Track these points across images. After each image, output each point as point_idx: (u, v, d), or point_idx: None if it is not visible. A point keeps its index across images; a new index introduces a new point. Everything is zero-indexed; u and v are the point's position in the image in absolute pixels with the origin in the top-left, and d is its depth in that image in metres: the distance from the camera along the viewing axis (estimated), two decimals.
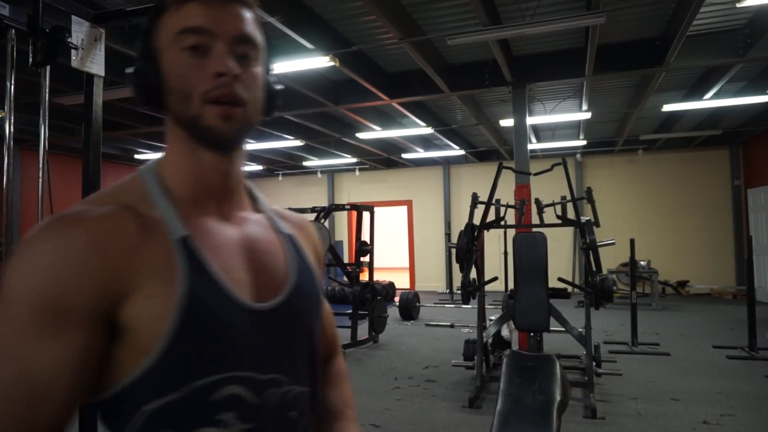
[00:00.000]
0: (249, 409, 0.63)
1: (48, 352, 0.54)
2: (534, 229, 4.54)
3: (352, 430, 0.82)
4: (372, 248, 6.52)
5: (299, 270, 0.73)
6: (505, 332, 5.05)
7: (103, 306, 0.56)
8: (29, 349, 0.54)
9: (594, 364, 4.22)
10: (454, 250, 5.26)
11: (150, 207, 0.63)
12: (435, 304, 9.48)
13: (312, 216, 6.44)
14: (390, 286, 9.86)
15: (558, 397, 2.61)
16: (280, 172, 12.87)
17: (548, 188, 8.26)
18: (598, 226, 5.06)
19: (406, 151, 10.17)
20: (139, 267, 0.58)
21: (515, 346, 5.26)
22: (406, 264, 12.55)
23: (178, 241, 0.62)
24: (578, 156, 10.66)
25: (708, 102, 6.44)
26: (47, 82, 2.26)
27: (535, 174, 5.16)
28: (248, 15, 0.67)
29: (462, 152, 10.11)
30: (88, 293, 0.55)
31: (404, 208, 12.45)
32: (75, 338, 0.55)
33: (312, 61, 4.55)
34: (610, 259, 9.38)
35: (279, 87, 0.73)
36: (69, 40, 2.12)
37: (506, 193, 6.93)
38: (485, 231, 4.81)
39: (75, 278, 0.55)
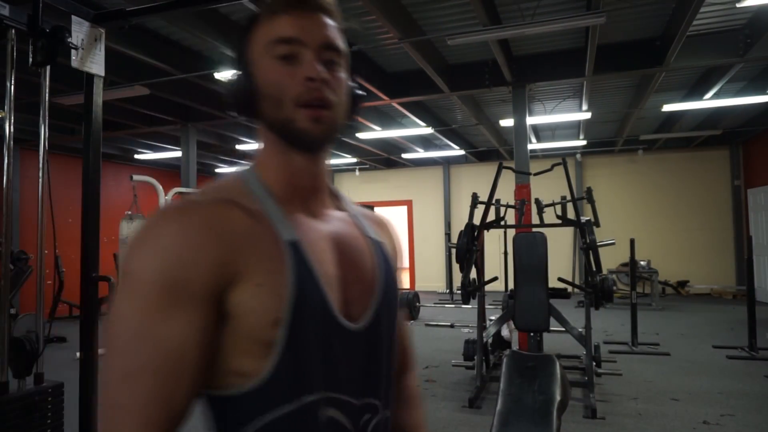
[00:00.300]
0: None
1: (178, 329, 0.56)
2: (534, 229, 4.54)
3: None
4: None
5: (386, 283, 0.74)
6: (505, 332, 5.04)
7: (218, 288, 0.59)
8: (162, 325, 0.56)
9: (594, 364, 4.22)
10: (454, 250, 5.25)
11: (252, 202, 0.66)
12: (435, 304, 9.48)
13: None
14: None
15: (558, 397, 2.61)
16: None
17: (548, 188, 8.24)
18: (598, 226, 5.06)
19: (406, 151, 10.17)
20: (248, 255, 0.61)
21: (515, 346, 5.26)
22: (406, 264, 12.55)
23: (287, 240, 0.64)
24: (578, 156, 10.66)
25: (708, 102, 6.44)
26: (47, 82, 2.27)
27: (535, 174, 5.16)
28: (332, 23, 0.70)
29: (462, 152, 10.11)
30: (206, 273, 0.58)
31: (404, 208, 12.44)
32: (197, 316, 0.57)
33: None
34: (610, 259, 9.37)
35: (361, 92, 0.77)
36: (69, 40, 2.12)
37: (506, 193, 6.92)
38: (485, 231, 4.81)
39: (194, 258, 0.58)
